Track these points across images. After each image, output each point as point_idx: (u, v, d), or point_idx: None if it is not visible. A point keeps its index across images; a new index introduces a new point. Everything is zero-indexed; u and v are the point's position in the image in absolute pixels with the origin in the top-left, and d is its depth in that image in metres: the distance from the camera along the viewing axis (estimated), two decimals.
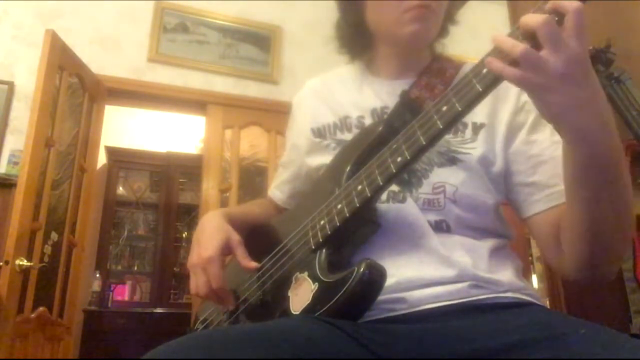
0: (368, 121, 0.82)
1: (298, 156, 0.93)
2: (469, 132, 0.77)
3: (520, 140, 0.77)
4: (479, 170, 0.76)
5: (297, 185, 0.97)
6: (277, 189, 1.02)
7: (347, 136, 0.83)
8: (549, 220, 0.73)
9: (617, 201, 0.62)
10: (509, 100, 0.79)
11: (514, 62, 0.53)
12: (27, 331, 2.17)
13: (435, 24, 0.81)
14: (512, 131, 0.77)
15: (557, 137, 0.77)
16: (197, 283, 0.76)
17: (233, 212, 0.88)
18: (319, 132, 0.87)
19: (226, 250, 0.78)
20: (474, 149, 0.76)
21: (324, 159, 0.83)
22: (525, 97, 0.80)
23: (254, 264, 0.76)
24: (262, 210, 1.00)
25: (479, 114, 0.75)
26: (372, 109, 0.83)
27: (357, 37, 0.89)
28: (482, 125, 0.78)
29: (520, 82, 0.54)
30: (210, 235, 0.78)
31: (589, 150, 0.57)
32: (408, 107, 0.78)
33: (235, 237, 0.79)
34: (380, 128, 0.75)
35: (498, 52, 0.55)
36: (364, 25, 0.86)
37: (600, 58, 1.90)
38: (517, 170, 0.77)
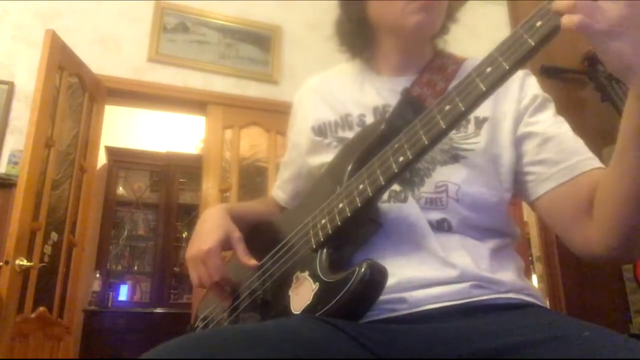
0: (369, 119, 0.82)
1: (299, 155, 0.93)
2: (471, 127, 0.77)
3: (524, 123, 0.76)
4: (483, 166, 0.75)
5: (299, 184, 0.96)
6: (280, 189, 1.01)
7: (349, 134, 0.82)
8: (564, 196, 0.70)
9: None
10: (511, 92, 0.78)
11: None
12: (27, 331, 2.17)
13: (439, 15, 0.81)
14: (518, 118, 0.77)
15: (560, 117, 0.77)
16: (198, 275, 0.77)
17: (235, 208, 0.88)
18: (320, 131, 0.86)
19: (226, 245, 0.78)
20: (478, 143, 0.75)
21: (326, 157, 0.82)
22: (527, 84, 0.79)
23: (253, 262, 0.77)
24: (265, 208, 1.00)
25: (481, 107, 0.75)
26: (373, 106, 0.83)
27: (358, 33, 0.88)
28: (484, 119, 0.77)
29: (580, 29, 0.49)
30: (210, 229, 0.79)
31: None
32: (410, 105, 0.77)
33: (236, 234, 0.79)
34: (382, 126, 0.74)
35: (504, 50, 0.55)
36: (365, 20, 0.86)
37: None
38: (524, 152, 0.76)
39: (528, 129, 0.76)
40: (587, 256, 0.69)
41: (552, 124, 0.75)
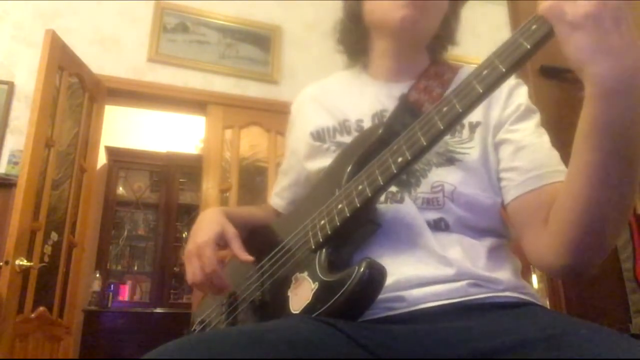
0: (367, 124, 0.83)
1: (297, 162, 0.93)
2: (466, 132, 0.78)
3: (504, 130, 0.78)
4: (478, 170, 0.76)
5: (297, 191, 0.97)
6: (278, 196, 1.02)
7: (347, 139, 0.83)
8: (529, 204, 0.71)
9: (624, 181, 0.56)
10: (500, 99, 0.79)
11: None
12: (27, 331, 2.18)
13: (426, 15, 0.81)
14: (500, 124, 0.78)
15: (542, 129, 0.78)
16: (193, 270, 0.77)
17: (232, 211, 0.89)
18: (319, 136, 0.87)
19: (221, 241, 0.78)
20: (472, 148, 0.77)
21: (324, 162, 0.83)
22: (516, 92, 0.80)
23: (250, 257, 0.77)
24: (263, 213, 1.01)
25: (474, 113, 0.75)
26: (371, 112, 0.84)
27: (355, 33, 0.90)
28: (477, 124, 0.78)
29: (548, 14, 0.51)
30: (206, 225, 0.80)
31: (609, 107, 0.52)
32: (407, 110, 0.78)
33: (231, 230, 0.79)
34: (380, 130, 0.75)
35: (500, 53, 0.56)
36: (361, 20, 0.88)
37: None
38: (500, 158, 0.77)
39: (506, 136, 0.77)
40: (540, 265, 0.69)
41: (530, 134, 0.76)
